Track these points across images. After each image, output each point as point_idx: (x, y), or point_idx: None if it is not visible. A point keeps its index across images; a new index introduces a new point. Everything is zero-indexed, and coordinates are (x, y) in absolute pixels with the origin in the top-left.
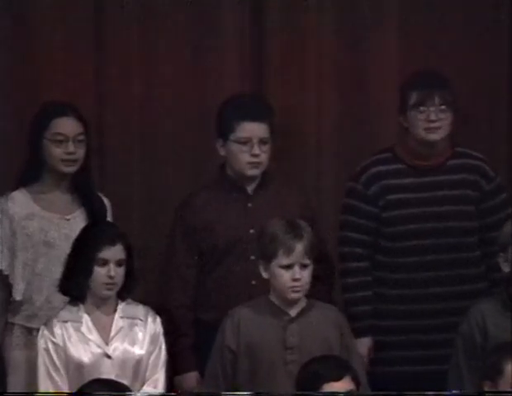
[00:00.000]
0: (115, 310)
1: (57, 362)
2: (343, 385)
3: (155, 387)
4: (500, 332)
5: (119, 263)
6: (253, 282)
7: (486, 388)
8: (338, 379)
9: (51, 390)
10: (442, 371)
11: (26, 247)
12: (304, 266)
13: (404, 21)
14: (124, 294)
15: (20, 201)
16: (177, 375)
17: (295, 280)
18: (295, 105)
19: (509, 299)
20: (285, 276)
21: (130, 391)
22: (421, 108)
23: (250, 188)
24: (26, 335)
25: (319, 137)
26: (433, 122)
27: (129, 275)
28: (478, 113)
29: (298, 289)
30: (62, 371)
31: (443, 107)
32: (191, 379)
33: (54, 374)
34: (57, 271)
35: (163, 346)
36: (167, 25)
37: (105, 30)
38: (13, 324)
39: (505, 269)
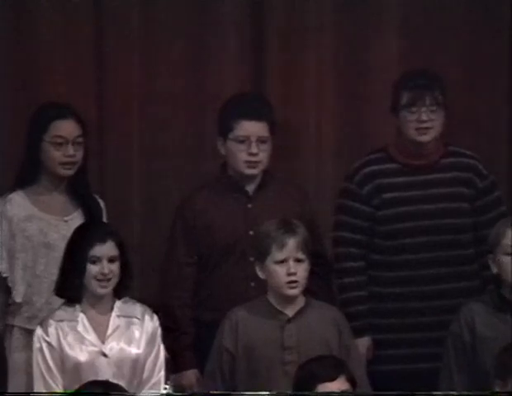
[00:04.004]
0: (111, 309)
1: (50, 362)
2: (338, 386)
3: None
4: (489, 331)
5: (111, 260)
6: (252, 284)
7: (497, 388)
8: (332, 379)
9: (44, 390)
10: (437, 369)
11: (25, 249)
12: (299, 261)
13: (404, 21)
14: (120, 290)
15: (18, 203)
16: (176, 373)
17: (290, 274)
18: (295, 105)
19: (499, 299)
20: (280, 272)
21: (127, 392)
22: (412, 108)
23: (250, 188)
24: (25, 337)
25: (319, 137)
26: (423, 122)
27: (124, 271)
28: (478, 112)
29: (294, 285)
30: (55, 371)
31: (433, 108)
32: (190, 376)
33: (46, 374)
34: (57, 273)
35: (162, 347)
36: (167, 26)
37: (105, 30)
38: (13, 326)
39: (494, 269)
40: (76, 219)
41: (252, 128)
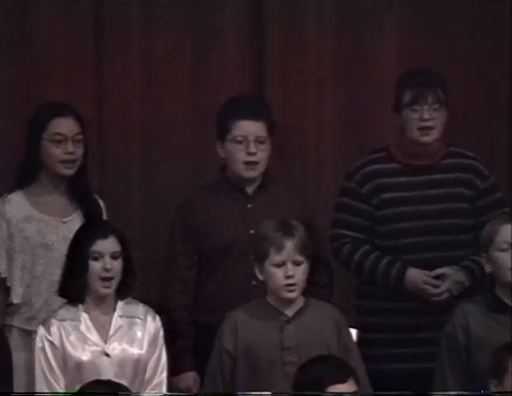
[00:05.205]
0: (114, 309)
1: (52, 361)
2: (349, 387)
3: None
4: (483, 331)
5: (114, 256)
6: (254, 282)
7: (493, 387)
8: (343, 381)
9: (45, 390)
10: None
11: (24, 250)
12: (297, 264)
13: (404, 21)
14: (123, 289)
15: (16, 204)
16: (175, 376)
17: (288, 277)
18: (295, 105)
19: (493, 299)
20: (278, 274)
21: (130, 392)
22: (414, 107)
23: (250, 189)
24: (24, 337)
25: (319, 137)
26: (426, 121)
27: (126, 269)
28: (478, 112)
29: (293, 288)
30: (57, 371)
31: (436, 106)
32: (188, 379)
33: (48, 373)
34: (56, 274)
35: (164, 348)
36: (167, 26)
37: (105, 30)
38: (12, 327)
39: (488, 268)
40: (75, 221)
41: (249, 127)
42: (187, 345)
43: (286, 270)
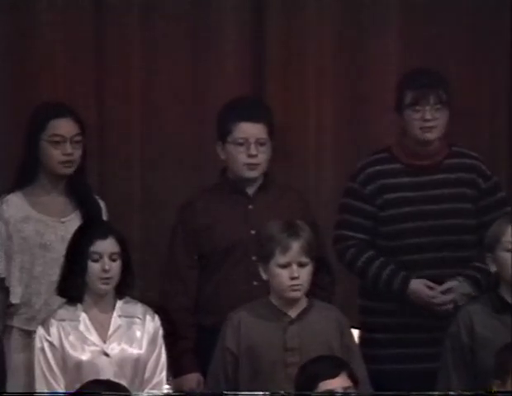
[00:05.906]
0: (113, 308)
1: (51, 361)
2: (340, 382)
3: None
4: (488, 332)
5: (112, 257)
6: (255, 283)
7: (495, 388)
8: (334, 376)
9: (45, 390)
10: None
11: (22, 251)
12: (302, 265)
13: (404, 21)
14: (122, 289)
15: (15, 204)
16: (176, 377)
17: (293, 278)
18: (295, 105)
19: (497, 300)
20: (283, 275)
21: (129, 392)
22: (416, 107)
23: (251, 190)
24: (24, 338)
25: (319, 137)
26: (428, 121)
27: (125, 269)
28: (478, 112)
29: (297, 288)
30: (56, 371)
31: (438, 106)
32: (191, 380)
33: (47, 373)
34: (54, 274)
35: (163, 347)
36: (167, 26)
37: (105, 30)
38: (12, 327)
39: (493, 268)
40: (73, 221)
41: (250, 129)
42: (188, 346)
43: (292, 271)
